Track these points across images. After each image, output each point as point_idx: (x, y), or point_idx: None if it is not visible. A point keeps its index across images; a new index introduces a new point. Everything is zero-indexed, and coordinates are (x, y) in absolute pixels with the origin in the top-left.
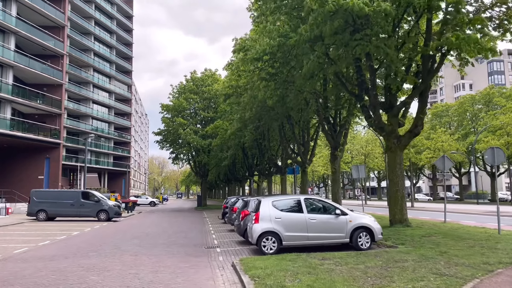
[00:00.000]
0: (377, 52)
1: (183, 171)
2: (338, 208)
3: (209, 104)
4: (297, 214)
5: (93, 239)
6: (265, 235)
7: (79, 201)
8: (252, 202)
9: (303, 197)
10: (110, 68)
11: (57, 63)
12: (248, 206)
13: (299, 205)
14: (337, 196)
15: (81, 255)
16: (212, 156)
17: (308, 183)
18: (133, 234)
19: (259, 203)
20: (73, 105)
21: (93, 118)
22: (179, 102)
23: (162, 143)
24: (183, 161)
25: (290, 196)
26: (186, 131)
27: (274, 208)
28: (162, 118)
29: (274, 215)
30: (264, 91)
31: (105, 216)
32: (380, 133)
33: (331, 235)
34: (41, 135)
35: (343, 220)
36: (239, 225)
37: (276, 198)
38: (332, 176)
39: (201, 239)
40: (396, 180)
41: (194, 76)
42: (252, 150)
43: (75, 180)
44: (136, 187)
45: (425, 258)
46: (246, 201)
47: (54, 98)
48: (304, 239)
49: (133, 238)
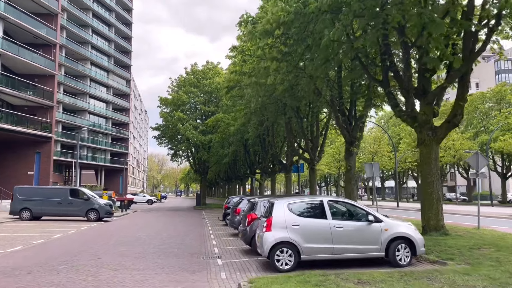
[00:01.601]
0: (417, 21)
1: (182, 168)
2: (371, 213)
3: (210, 98)
4: (319, 221)
5: (73, 245)
6: (279, 246)
7: (67, 199)
8: (260, 203)
9: (326, 198)
10: (108, 62)
11: (50, 52)
12: (256, 209)
13: (321, 208)
14: (351, 197)
15: (49, 268)
16: (212, 153)
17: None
18: (121, 239)
19: (271, 206)
20: (69, 99)
21: (90, 113)
22: (179, 96)
23: (160, 138)
24: (182, 158)
25: (310, 198)
26: (186, 126)
27: (291, 212)
28: (161, 112)
29: (291, 221)
30: (274, 76)
31: (95, 215)
32: (412, 124)
33: (362, 248)
34: (31, 128)
35: (376, 229)
36: (245, 231)
37: (292, 200)
38: (346, 174)
39: (199, 246)
40: (431, 179)
41: (194, 69)
42: (254, 146)
43: (71, 177)
44: (134, 185)
45: (499, 284)
46: (253, 203)
47: (45, 89)
48: (327, 252)
49: (119, 244)
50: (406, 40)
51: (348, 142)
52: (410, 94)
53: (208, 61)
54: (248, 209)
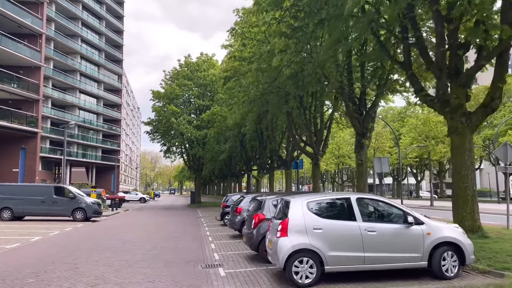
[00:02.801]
0: None
1: (176, 166)
2: (410, 214)
3: (204, 92)
4: (346, 223)
5: (51, 250)
6: (298, 255)
7: (51, 197)
8: (268, 202)
9: (354, 195)
10: (99, 56)
11: (35, 43)
12: (263, 208)
13: (349, 208)
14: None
15: (12, 282)
16: (208, 149)
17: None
18: (107, 242)
19: (286, 205)
20: (58, 94)
21: (80, 109)
22: (172, 89)
23: (153, 134)
24: (176, 155)
25: (334, 195)
26: (179, 120)
27: (311, 212)
28: (153, 106)
29: (312, 223)
30: (280, 56)
31: (81, 215)
32: (441, 109)
33: (400, 256)
34: (15, 122)
35: (417, 233)
36: (251, 235)
37: (312, 198)
38: (358, 169)
39: (196, 250)
40: (465, 172)
41: (188, 61)
42: (252, 142)
43: (61, 175)
44: (127, 182)
45: None
46: (259, 201)
47: (31, 81)
48: (358, 262)
49: (105, 249)
50: (439, 8)
51: (360, 133)
52: (443, 73)
53: (202, 52)
54: (255, 209)
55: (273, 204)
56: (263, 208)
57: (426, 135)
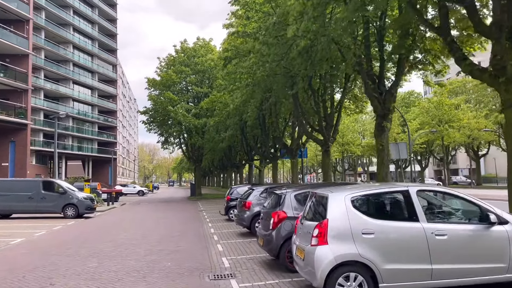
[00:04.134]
0: None
1: (174, 158)
2: (491, 211)
3: (202, 78)
4: (406, 225)
5: (28, 257)
6: (342, 269)
7: (40, 193)
8: (290, 196)
9: (414, 187)
10: (93, 45)
11: (22, 29)
12: (283, 204)
13: (408, 204)
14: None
15: None
16: (207, 138)
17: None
18: (96, 246)
19: (321, 201)
20: (51, 85)
21: (74, 100)
22: (168, 76)
23: (149, 124)
24: (174, 146)
25: (386, 187)
26: (177, 108)
27: (357, 211)
28: (149, 95)
29: (360, 226)
30: (296, 25)
31: (73, 211)
32: (494, 80)
33: (479, 268)
34: (3, 114)
35: (501, 235)
36: (269, 237)
37: (357, 192)
38: (379, 154)
39: (201, 254)
40: None
41: (184, 46)
42: (254, 130)
43: (58, 168)
44: (125, 175)
45: None
46: (278, 195)
47: (18, 70)
48: (423, 277)
49: (91, 255)
50: None
51: (381, 115)
52: (503, 32)
53: (199, 37)
54: (272, 205)
55: (297, 199)
56: (283, 204)
57: (439, 119)
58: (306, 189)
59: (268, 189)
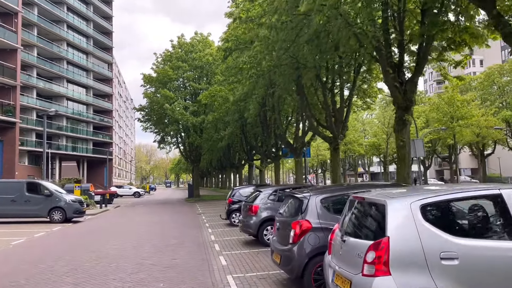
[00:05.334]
0: None
1: (172, 159)
2: None
3: (200, 74)
4: (502, 245)
5: None
6: None
7: (23, 195)
8: (314, 201)
9: (508, 190)
10: (87, 43)
11: (10, 22)
12: (307, 211)
13: (502, 214)
14: (407, 182)
15: None
16: (205, 138)
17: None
18: (76, 258)
19: (376, 210)
20: (44, 83)
21: (68, 99)
22: (164, 72)
23: (145, 122)
24: (171, 145)
25: (465, 189)
26: (174, 105)
27: (431, 225)
28: (144, 92)
29: (437, 248)
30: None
31: (60, 215)
32: None
33: None
34: None
35: None
36: (289, 253)
37: (427, 197)
38: (398, 152)
39: (201, 270)
40: None
41: (181, 41)
42: (254, 128)
43: (52, 169)
44: (122, 176)
45: None
46: (299, 199)
47: (6, 66)
48: None
49: (66, 274)
50: None
51: (402, 107)
52: None
53: (197, 32)
54: (291, 212)
55: (324, 204)
56: (306, 211)
57: (451, 115)
58: (336, 192)
59: (279, 191)
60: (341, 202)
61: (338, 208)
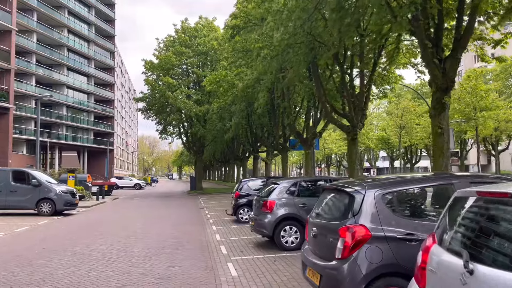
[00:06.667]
0: None
1: (175, 151)
2: None
3: (205, 60)
4: None
5: None
6: None
7: (9, 185)
8: (371, 198)
9: None
10: (89, 30)
11: (5, 2)
12: (361, 212)
13: None
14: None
15: None
16: (209, 128)
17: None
18: (51, 263)
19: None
20: (44, 70)
21: (69, 88)
22: (167, 58)
23: (146, 111)
24: (173, 135)
25: None
26: (176, 93)
27: None
28: (146, 79)
29: None
30: None
31: (49, 207)
32: None
33: None
34: None
35: None
36: (338, 273)
37: None
38: (435, 140)
39: (205, 284)
40: None
41: (185, 26)
42: (262, 118)
43: (52, 159)
44: (124, 168)
45: None
46: (349, 194)
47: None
48: None
49: (32, 284)
50: None
51: (442, 88)
52: None
53: (201, 16)
54: (336, 213)
55: (387, 203)
56: (361, 212)
57: (474, 106)
58: (406, 184)
59: (301, 183)
60: (415, 198)
61: (409, 207)
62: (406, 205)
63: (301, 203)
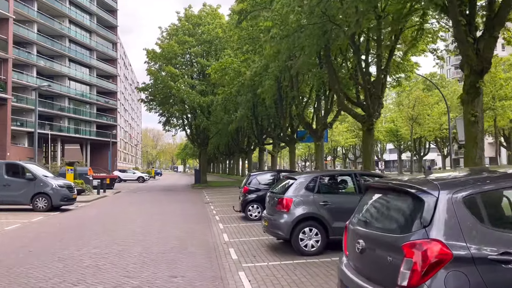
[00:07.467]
0: None
1: (179, 144)
2: None
3: (209, 49)
4: None
5: None
6: None
7: (2, 178)
8: (449, 201)
9: None
10: (91, 20)
11: None
12: (433, 223)
13: None
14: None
15: None
16: (213, 120)
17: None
18: (34, 271)
19: None
20: (45, 62)
21: (71, 79)
22: (170, 47)
23: (149, 102)
24: (177, 127)
25: None
26: (179, 82)
27: None
28: (148, 69)
29: None
30: None
31: (45, 202)
32: None
33: None
34: None
35: None
36: None
37: None
38: (468, 129)
39: None
40: None
41: (189, 13)
42: (268, 109)
43: (55, 152)
44: (127, 161)
45: None
46: (415, 197)
47: None
48: None
49: None
50: None
51: (477, 70)
52: None
53: (206, 3)
54: (393, 221)
55: (472, 210)
56: (433, 222)
57: (492, 95)
58: (495, 181)
59: (322, 177)
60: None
61: (504, 215)
62: (500, 212)
63: (322, 200)
